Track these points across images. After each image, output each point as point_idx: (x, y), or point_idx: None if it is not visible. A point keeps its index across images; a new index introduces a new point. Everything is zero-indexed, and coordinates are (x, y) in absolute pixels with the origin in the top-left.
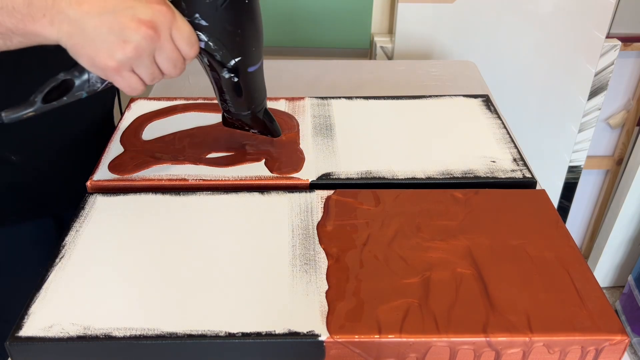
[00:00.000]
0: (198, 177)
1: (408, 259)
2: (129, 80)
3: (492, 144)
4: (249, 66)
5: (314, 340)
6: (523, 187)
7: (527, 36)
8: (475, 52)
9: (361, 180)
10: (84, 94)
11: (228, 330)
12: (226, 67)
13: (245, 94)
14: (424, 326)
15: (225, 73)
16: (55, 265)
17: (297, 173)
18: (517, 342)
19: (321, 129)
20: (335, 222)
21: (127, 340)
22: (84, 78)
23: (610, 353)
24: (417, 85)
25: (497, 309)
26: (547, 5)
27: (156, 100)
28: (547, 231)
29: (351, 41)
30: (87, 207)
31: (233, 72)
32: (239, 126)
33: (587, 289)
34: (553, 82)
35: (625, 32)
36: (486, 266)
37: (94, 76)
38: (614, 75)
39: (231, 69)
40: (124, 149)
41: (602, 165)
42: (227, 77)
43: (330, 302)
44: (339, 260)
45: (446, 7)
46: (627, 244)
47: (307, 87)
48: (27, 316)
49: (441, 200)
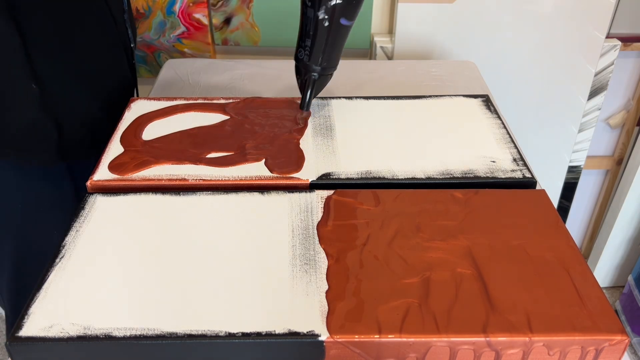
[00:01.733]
0: (198, 177)
1: (408, 259)
2: None
3: (492, 144)
4: (342, 16)
5: (314, 340)
6: (523, 187)
7: (527, 36)
8: (475, 52)
9: (361, 180)
10: None
11: (228, 330)
12: (325, 6)
13: (328, 44)
14: (424, 326)
15: (321, 12)
16: (55, 265)
17: (297, 173)
18: (517, 342)
19: (321, 129)
20: (335, 222)
21: (127, 340)
22: None
23: (610, 353)
24: (417, 85)
25: (497, 309)
26: (547, 5)
27: (156, 100)
28: (547, 231)
29: (351, 41)
30: (87, 207)
31: (328, 14)
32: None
33: (587, 289)
34: (553, 82)
35: (625, 32)
36: (486, 266)
37: None
38: (614, 75)
39: (329, 9)
40: (124, 149)
41: (602, 165)
42: (321, 18)
43: (330, 302)
44: (339, 260)
45: (446, 7)
46: (627, 244)
47: None
48: (27, 316)
49: (441, 200)
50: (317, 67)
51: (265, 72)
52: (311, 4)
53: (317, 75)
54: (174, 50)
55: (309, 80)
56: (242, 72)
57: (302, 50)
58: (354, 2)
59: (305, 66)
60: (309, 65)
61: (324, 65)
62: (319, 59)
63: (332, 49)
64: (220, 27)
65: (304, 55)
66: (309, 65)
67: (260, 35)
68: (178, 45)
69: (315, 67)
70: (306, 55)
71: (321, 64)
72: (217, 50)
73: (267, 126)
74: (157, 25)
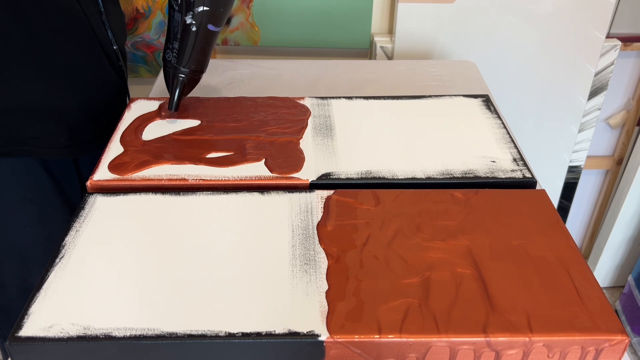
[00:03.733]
0: (198, 177)
1: (408, 259)
2: None
3: (492, 144)
4: (210, 22)
5: (314, 340)
6: (523, 187)
7: (527, 36)
8: (475, 52)
9: (361, 180)
10: None
11: (228, 330)
12: (192, 12)
13: (195, 48)
14: (424, 326)
15: (189, 17)
16: (55, 265)
17: (297, 173)
18: (517, 342)
19: (321, 129)
20: (335, 222)
21: (127, 340)
22: None
23: (610, 353)
24: (417, 85)
25: (497, 309)
26: (547, 5)
27: (156, 100)
28: (547, 231)
29: (351, 41)
30: (87, 207)
31: (195, 20)
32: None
33: (587, 289)
34: (553, 82)
35: (625, 32)
36: (486, 266)
37: None
38: (614, 75)
39: (196, 15)
40: (124, 149)
41: (602, 165)
42: (188, 23)
43: (330, 302)
44: (339, 260)
45: (446, 7)
46: (627, 244)
47: (307, 87)
48: (27, 316)
49: (441, 200)
50: (185, 69)
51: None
52: (178, 8)
53: (184, 77)
54: None
55: (177, 82)
56: (242, 72)
57: (169, 52)
58: (221, 10)
59: (173, 67)
60: (177, 67)
61: (192, 68)
62: (187, 61)
63: (200, 53)
64: None
65: (172, 57)
66: (177, 67)
67: (260, 35)
68: None
69: (184, 69)
70: (174, 57)
71: (189, 67)
72: (217, 50)
73: (267, 126)
74: (157, 25)
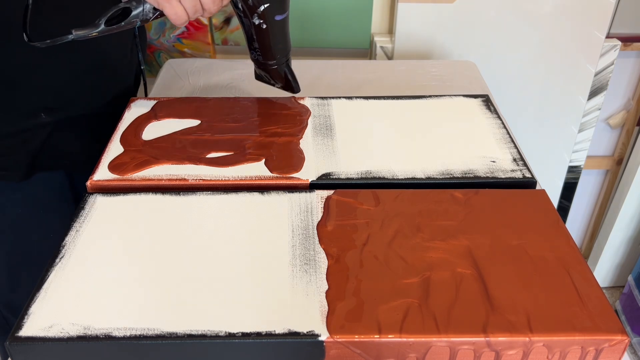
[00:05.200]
0: (198, 177)
1: (408, 259)
2: (176, 8)
3: (492, 144)
4: (275, 14)
5: (314, 340)
6: (523, 187)
7: (527, 36)
8: (475, 52)
9: (361, 180)
10: (138, 22)
11: (228, 330)
12: (256, 13)
13: (272, 41)
14: (424, 326)
15: (255, 19)
16: (55, 265)
17: (297, 173)
18: (517, 342)
19: (321, 129)
20: (335, 222)
21: (127, 340)
22: (139, 8)
23: (610, 353)
24: (417, 85)
25: (497, 309)
26: (547, 5)
27: (156, 100)
28: (547, 231)
29: (351, 41)
30: (87, 207)
31: (262, 19)
32: (266, 80)
33: (587, 289)
34: (553, 82)
35: (625, 32)
36: (486, 266)
37: (148, 6)
38: (614, 75)
39: (260, 14)
40: (124, 149)
41: (602, 165)
42: (257, 24)
43: (330, 302)
44: (339, 260)
45: (446, 7)
46: (627, 244)
47: (307, 87)
48: (27, 316)
49: (441, 200)
50: (273, 61)
51: None
52: (243, 14)
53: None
54: (174, 50)
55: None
56: (242, 72)
57: (254, 52)
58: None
59: (263, 65)
60: (265, 64)
61: (278, 57)
62: (273, 54)
63: (279, 42)
64: (220, 27)
65: (257, 56)
66: (266, 63)
67: None
68: (178, 45)
69: (271, 62)
70: (259, 56)
71: (274, 58)
72: (217, 50)
73: (267, 126)
74: (157, 25)
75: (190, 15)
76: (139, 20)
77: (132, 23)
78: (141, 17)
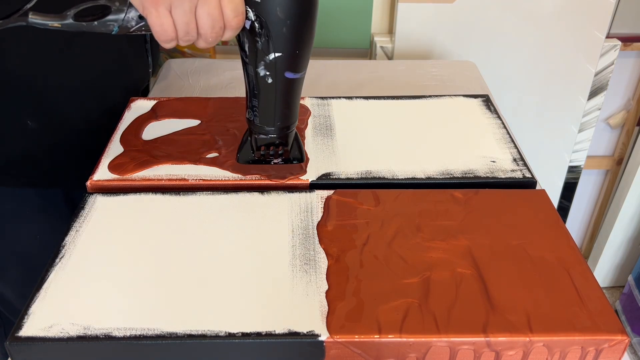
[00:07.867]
0: (198, 177)
1: (408, 259)
2: (163, 19)
3: (492, 144)
4: (287, 70)
5: (314, 340)
6: (523, 187)
7: (527, 36)
8: (475, 52)
9: (361, 180)
10: (115, 27)
11: (228, 330)
12: (264, 61)
13: (276, 102)
14: (424, 326)
15: (261, 69)
16: (55, 265)
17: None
18: (517, 342)
19: (321, 129)
20: (335, 222)
21: (127, 340)
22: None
23: (610, 353)
24: (417, 85)
25: (497, 309)
26: (547, 5)
27: (156, 100)
28: (547, 231)
29: (351, 41)
30: (87, 207)
31: (269, 70)
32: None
33: (587, 289)
34: (553, 82)
35: (625, 32)
36: (486, 266)
37: (132, 14)
38: (614, 75)
39: (268, 64)
40: (124, 149)
41: (602, 165)
42: (262, 75)
43: (330, 302)
44: (339, 260)
45: (446, 7)
46: (627, 244)
47: (307, 87)
48: (27, 316)
49: (441, 200)
50: (271, 128)
51: None
52: (248, 60)
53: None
54: (174, 50)
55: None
56: (242, 72)
57: (250, 111)
58: (297, 52)
59: (259, 129)
60: (262, 128)
61: (278, 124)
62: (272, 118)
63: (283, 106)
64: None
65: (253, 116)
66: (261, 127)
67: None
68: (178, 45)
69: (269, 129)
70: (255, 117)
71: (274, 124)
72: (217, 50)
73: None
74: None
75: (179, 34)
76: (116, 26)
77: (107, 27)
78: (120, 22)
